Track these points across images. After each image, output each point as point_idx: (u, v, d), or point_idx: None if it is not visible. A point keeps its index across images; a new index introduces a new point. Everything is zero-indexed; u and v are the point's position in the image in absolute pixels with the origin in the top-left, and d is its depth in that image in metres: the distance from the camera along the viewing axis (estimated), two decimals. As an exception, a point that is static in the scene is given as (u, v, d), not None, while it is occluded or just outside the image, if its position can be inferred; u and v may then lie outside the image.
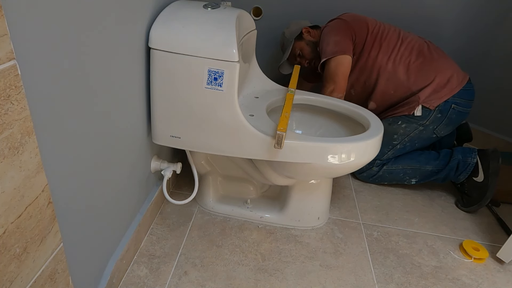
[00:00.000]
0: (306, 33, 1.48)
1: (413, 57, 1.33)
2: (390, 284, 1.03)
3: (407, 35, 1.37)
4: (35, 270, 0.55)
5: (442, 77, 1.31)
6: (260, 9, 1.71)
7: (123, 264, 0.96)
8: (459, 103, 1.32)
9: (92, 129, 0.72)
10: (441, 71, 1.31)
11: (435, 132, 1.35)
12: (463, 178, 1.37)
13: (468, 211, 1.37)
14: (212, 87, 0.92)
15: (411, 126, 1.35)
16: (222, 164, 1.23)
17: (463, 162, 1.35)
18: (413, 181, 1.42)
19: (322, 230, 1.21)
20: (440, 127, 1.35)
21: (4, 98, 0.43)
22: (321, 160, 0.99)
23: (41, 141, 0.54)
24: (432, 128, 1.34)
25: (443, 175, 1.37)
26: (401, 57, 1.33)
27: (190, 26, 0.91)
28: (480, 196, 1.32)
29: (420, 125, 1.34)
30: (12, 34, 0.45)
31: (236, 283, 0.99)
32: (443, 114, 1.32)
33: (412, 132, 1.35)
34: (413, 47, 1.34)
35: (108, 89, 0.76)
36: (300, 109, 1.27)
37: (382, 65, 1.34)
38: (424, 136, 1.36)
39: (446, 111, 1.31)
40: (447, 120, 1.33)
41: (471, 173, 1.35)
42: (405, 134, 1.36)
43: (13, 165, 0.46)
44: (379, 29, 1.36)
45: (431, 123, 1.33)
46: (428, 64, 1.32)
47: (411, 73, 1.32)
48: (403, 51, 1.33)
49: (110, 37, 0.74)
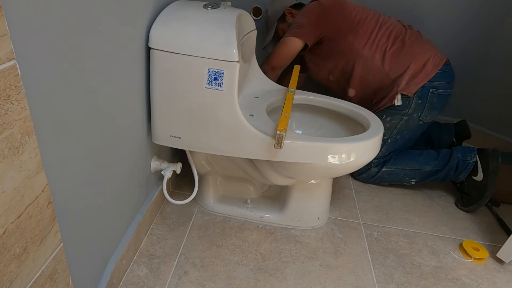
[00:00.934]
0: (288, 14, 1.48)
1: (390, 43, 1.32)
2: (390, 284, 1.03)
3: (386, 20, 1.35)
4: (35, 270, 0.55)
5: (417, 62, 1.31)
6: (260, 9, 1.71)
7: (123, 264, 0.96)
8: (437, 86, 1.32)
9: (92, 129, 0.72)
10: (416, 57, 1.31)
11: (421, 119, 1.35)
12: (462, 177, 1.37)
13: (467, 211, 1.37)
14: (212, 87, 0.92)
15: (396, 117, 1.35)
16: (222, 164, 1.23)
17: (462, 162, 1.35)
18: (413, 182, 1.42)
19: (322, 230, 1.21)
20: (425, 113, 1.35)
21: (4, 98, 0.43)
22: (321, 160, 0.99)
23: (41, 141, 0.54)
24: (417, 116, 1.34)
25: (442, 175, 1.37)
26: (378, 44, 1.32)
27: (190, 26, 0.91)
28: (480, 195, 1.32)
29: (404, 115, 1.34)
30: (12, 34, 0.45)
31: (236, 283, 0.99)
32: (423, 100, 1.32)
33: (398, 123, 1.36)
34: (391, 33, 1.33)
35: (108, 89, 0.76)
36: (300, 109, 1.27)
37: (359, 51, 1.32)
38: (412, 126, 1.36)
39: (425, 96, 1.32)
40: (429, 104, 1.33)
41: (470, 172, 1.35)
42: (392, 127, 1.36)
43: (13, 165, 0.46)
44: (356, 14, 1.33)
45: (414, 111, 1.33)
46: (404, 50, 1.32)
47: (386, 60, 1.32)
48: (380, 37, 1.32)
49: (110, 37, 0.74)
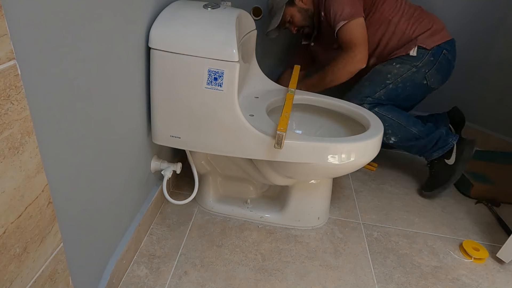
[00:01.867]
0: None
1: (413, 9, 1.37)
2: (390, 284, 1.03)
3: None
4: (35, 270, 0.55)
5: (438, 25, 1.37)
6: (260, 9, 1.70)
7: (123, 264, 0.96)
8: (449, 50, 1.36)
9: (92, 129, 0.72)
10: (437, 21, 1.38)
11: (426, 77, 1.36)
12: (437, 155, 1.37)
13: (430, 196, 1.40)
14: (212, 87, 0.92)
15: (405, 66, 1.35)
16: (222, 164, 1.23)
17: (444, 139, 1.36)
18: (392, 140, 1.38)
19: (322, 230, 1.21)
20: (431, 72, 1.35)
21: (4, 98, 0.43)
22: (321, 160, 0.99)
23: (41, 141, 0.54)
24: (424, 72, 1.35)
25: (421, 144, 1.36)
26: (404, 9, 1.36)
27: (190, 26, 0.91)
28: (446, 179, 1.35)
29: (413, 67, 1.34)
30: (12, 34, 0.45)
31: (236, 283, 0.99)
32: (435, 58, 1.34)
33: (405, 73, 1.35)
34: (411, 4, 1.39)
35: (108, 89, 0.76)
36: (300, 109, 1.27)
37: (389, 17, 1.35)
38: (416, 80, 1.36)
39: (438, 55, 1.34)
40: (438, 65, 1.35)
41: (445, 154, 1.37)
42: (399, 74, 1.35)
43: (13, 165, 0.46)
44: None
45: (423, 65, 1.34)
46: (426, 14, 1.38)
47: (411, 23, 1.35)
48: (404, 4, 1.37)
49: (110, 37, 0.74)
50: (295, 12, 1.42)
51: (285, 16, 1.43)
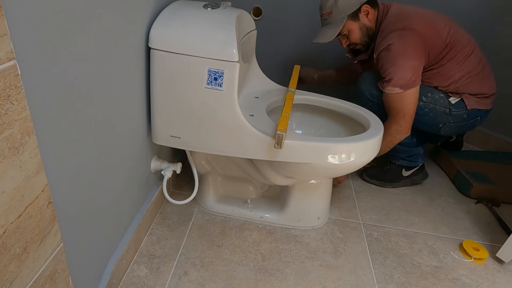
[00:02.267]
0: (364, 13, 1.25)
1: (479, 67, 1.27)
2: (390, 284, 1.03)
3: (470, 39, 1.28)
4: (35, 270, 0.55)
5: (491, 90, 1.32)
6: (260, 9, 1.71)
7: (123, 264, 0.96)
8: (482, 118, 1.33)
9: (92, 129, 0.72)
10: (492, 86, 1.32)
11: (446, 124, 1.32)
12: (401, 163, 1.44)
13: (366, 181, 1.49)
14: (212, 87, 0.92)
15: (443, 101, 1.29)
16: (222, 164, 1.23)
17: (416, 157, 1.42)
18: None
19: (322, 230, 1.21)
20: (453, 125, 1.33)
21: (4, 98, 0.43)
22: (321, 160, 0.99)
23: (41, 141, 0.54)
24: (448, 119, 1.30)
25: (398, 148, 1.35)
26: (469, 67, 1.26)
27: (190, 26, 0.91)
28: (389, 180, 1.47)
29: (448, 109, 1.29)
30: (12, 34, 0.45)
31: (236, 283, 0.99)
32: (467, 118, 1.31)
33: (439, 105, 1.29)
34: (480, 58, 1.28)
35: (108, 89, 0.76)
36: (300, 109, 1.27)
37: (450, 73, 1.26)
38: (437, 118, 1.30)
39: (471, 117, 1.31)
40: (464, 124, 1.33)
41: (406, 166, 1.44)
42: (433, 102, 1.28)
43: (13, 165, 0.46)
44: (451, 37, 1.23)
45: (454, 116, 1.30)
46: (488, 75, 1.31)
47: (469, 82, 1.27)
48: (473, 60, 1.26)
49: (110, 37, 0.74)
50: (356, 28, 1.27)
51: (343, 28, 1.26)
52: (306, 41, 1.74)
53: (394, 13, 1.25)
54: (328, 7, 1.24)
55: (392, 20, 1.23)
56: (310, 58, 1.78)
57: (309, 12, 1.68)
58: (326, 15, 1.27)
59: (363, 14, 1.25)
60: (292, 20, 1.71)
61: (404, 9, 1.26)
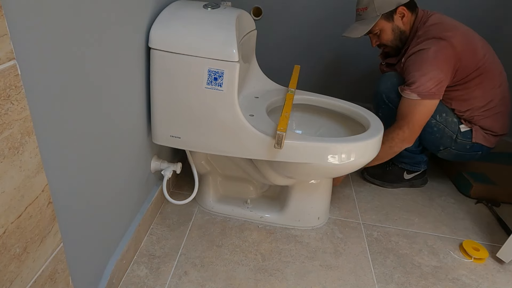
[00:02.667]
0: (399, 15, 1.22)
1: (500, 104, 1.26)
2: (390, 284, 1.03)
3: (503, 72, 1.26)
4: (35, 270, 0.55)
5: (502, 130, 1.31)
6: (260, 9, 1.71)
7: (123, 264, 0.96)
8: (483, 153, 1.33)
9: (92, 129, 0.72)
10: (505, 126, 1.31)
11: (447, 148, 1.32)
12: (403, 166, 1.45)
13: (367, 180, 1.49)
14: (212, 87, 0.92)
15: (453, 125, 1.27)
16: (222, 164, 1.23)
17: (418, 162, 1.43)
18: None
19: (322, 230, 1.21)
20: (453, 152, 1.33)
21: (4, 98, 0.43)
22: (321, 160, 0.99)
23: (41, 141, 0.54)
24: (452, 144, 1.30)
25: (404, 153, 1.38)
26: (491, 99, 1.23)
27: (190, 26, 0.91)
28: (389, 181, 1.47)
29: (455, 135, 1.28)
30: (12, 34, 0.45)
31: (236, 283, 0.99)
32: (469, 149, 1.31)
33: (448, 127, 1.27)
34: (504, 94, 1.26)
35: (108, 89, 0.76)
36: (300, 109, 1.27)
37: (470, 100, 1.23)
38: (441, 140, 1.31)
39: (474, 150, 1.31)
40: (464, 154, 1.33)
41: (408, 170, 1.45)
42: (444, 122, 1.27)
43: (13, 165, 0.46)
44: (485, 62, 1.20)
45: (458, 144, 1.30)
46: (506, 114, 1.29)
47: (485, 116, 1.26)
48: (498, 93, 1.24)
49: (110, 37, 0.74)
50: (388, 29, 1.24)
51: (375, 27, 1.23)
52: (306, 41, 1.74)
53: (435, 22, 1.21)
54: (364, 2, 1.22)
55: (431, 29, 1.20)
56: (310, 58, 1.78)
57: (309, 12, 1.68)
58: (361, 10, 1.24)
59: (399, 16, 1.22)
60: (292, 20, 1.71)
61: (446, 20, 1.22)
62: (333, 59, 1.77)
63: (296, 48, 1.77)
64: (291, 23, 1.72)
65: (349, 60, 1.76)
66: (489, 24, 1.57)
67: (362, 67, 1.76)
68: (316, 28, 1.71)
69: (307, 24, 1.71)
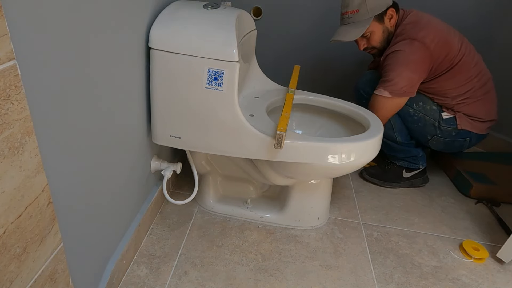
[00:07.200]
0: (388, 17, 1.24)
1: (480, 91, 1.28)
2: (390, 284, 1.03)
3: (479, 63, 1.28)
4: (35, 270, 0.55)
5: (490, 117, 1.32)
6: (260, 9, 1.71)
7: (123, 264, 0.96)
8: (471, 141, 1.34)
9: (92, 129, 0.72)
10: (492, 113, 1.32)
11: (434, 137, 1.35)
12: (401, 163, 1.44)
13: (366, 180, 1.49)
14: (212, 87, 0.92)
15: (433, 113, 1.30)
16: (222, 164, 1.23)
17: (416, 159, 1.42)
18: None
19: (322, 230, 1.21)
20: (441, 140, 1.34)
21: (4, 98, 0.43)
22: (321, 160, 0.99)
23: (41, 141, 0.54)
24: (437, 132, 1.33)
25: (395, 148, 1.39)
26: (470, 91, 1.26)
27: (190, 26, 0.91)
28: (389, 181, 1.47)
29: (437, 121, 1.30)
30: (12, 34, 0.45)
31: (236, 283, 0.99)
32: (455, 136, 1.32)
33: (428, 116, 1.30)
34: (484, 82, 1.28)
35: (108, 89, 0.76)
36: (300, 109, 1.27)
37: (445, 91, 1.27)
38: (426, 129, 1.33)
39: (460, 137, 1.32)
40: (451, 142, 1.34)
41: (407, 168, 1.45)
42: (424, 111, 1.30)
43: (13, 165, 0.46)
44: (462, 56, 1.22)
45: (442, 131, 1.32)
46: (491, 102, 1.31)
47: (466, 104, 1.28)
48: (475, 83, 1.26)
49: (110, 37, 0.74)
50: (378, 31, 1.25)
51: (367, 29, 1.24)
52: (306, 41, 1.74)
53: (412, 20, 1.23)
54: (355, 5, 1.21)
55: (407, 28, 1.23)
56: (310, 58, 1.78)
57: (309, 12, 1.68)
58: (350, 13, 1.23)
59: (388, 18, 1.24)
60: (292, 20, 1.71)
61: (422, 18, 1.24)
62: (333, 59, 1.77)
63: (296, 48, 1.77)
64: (291, 23, 1.72)
65: (349, 60, 1.76)
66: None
67: (362, 67, 1.76)
68: (316, 28, 1.71)
69: (307, 24, 1.71)
